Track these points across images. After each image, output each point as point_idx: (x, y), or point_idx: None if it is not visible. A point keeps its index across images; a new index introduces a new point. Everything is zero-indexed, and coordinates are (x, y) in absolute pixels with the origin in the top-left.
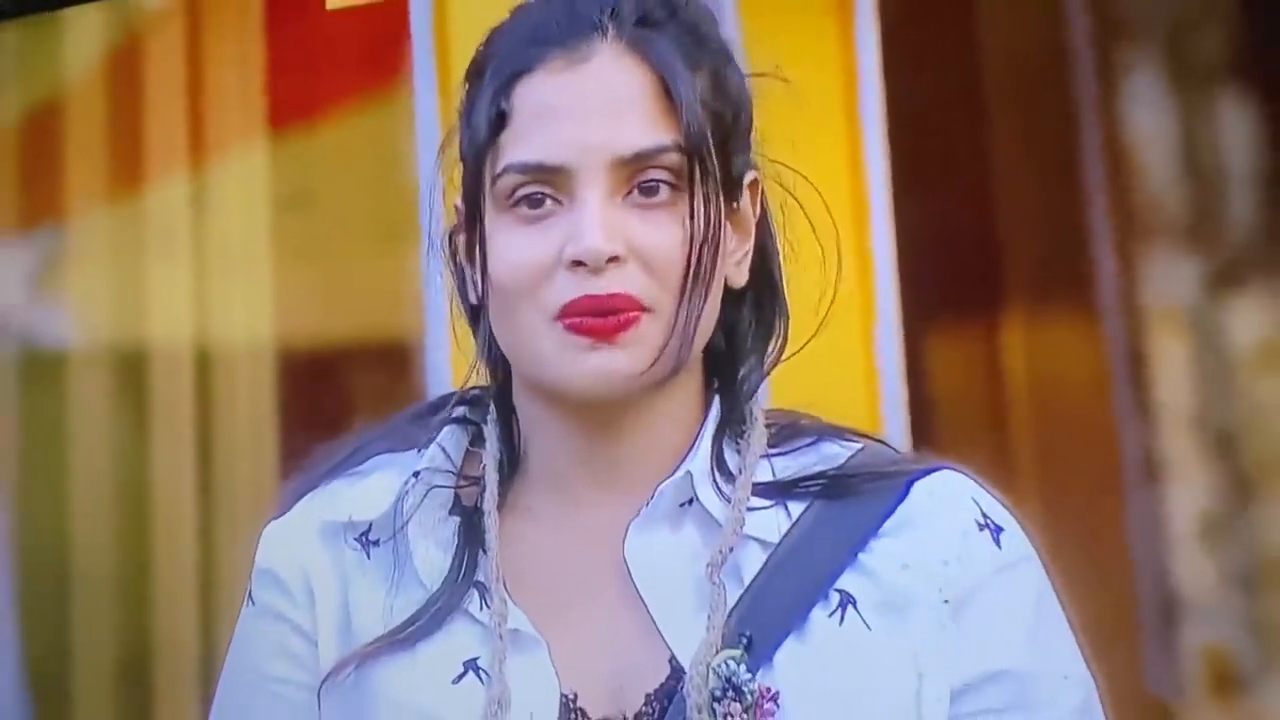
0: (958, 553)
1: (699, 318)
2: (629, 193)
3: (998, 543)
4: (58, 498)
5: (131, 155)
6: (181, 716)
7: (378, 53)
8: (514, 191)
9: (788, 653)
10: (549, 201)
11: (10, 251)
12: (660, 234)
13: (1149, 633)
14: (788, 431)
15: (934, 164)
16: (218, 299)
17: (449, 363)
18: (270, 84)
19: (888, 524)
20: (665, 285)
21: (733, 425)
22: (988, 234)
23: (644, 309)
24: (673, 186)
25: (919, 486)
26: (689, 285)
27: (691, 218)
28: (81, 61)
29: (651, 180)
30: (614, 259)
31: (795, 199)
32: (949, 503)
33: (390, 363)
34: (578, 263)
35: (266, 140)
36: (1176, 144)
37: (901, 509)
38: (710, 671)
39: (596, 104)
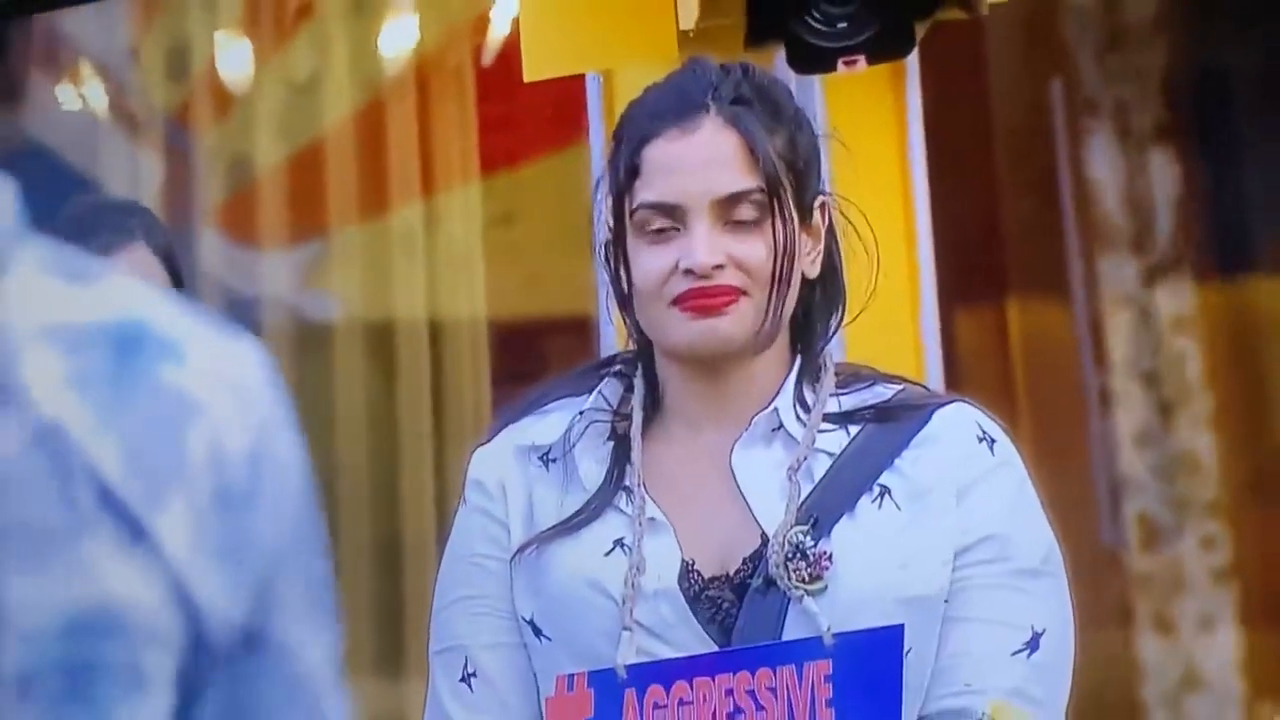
0: (963, 458)
1: (783, 303)
2: (728, 221)
3: (992, 451)
4: (326, 435)
5: (376, 187)
6: (420, 586)
7: (563, 114)
8: (645, 222)
9: (841, 528)
10: (670, 228)
11: (285, 257)
12: (751, 247)
13: (1102, 506)
14: (851, 378)
15: (959, 193)
16: (445, 288)
17: (616, 334)
18: (481, 137)
19: (915, 439)
20: (757, 281)
21: (809, 373)
22: (996, 242)
23: (743, 293)
24: (759, 214)
25: (939, 414)
26: (774, 281)
27: (774, 237)
28: (338, 115)
29: (744, 211)
30: (718, 267)
31: (852, 223)
32: (959, 425)
33: (572, 334)
34: (689, 271)
35: (479, 177)
36: (1122, 182)
37: (925, 429)
38: (785, 541)
39: (702, 161)
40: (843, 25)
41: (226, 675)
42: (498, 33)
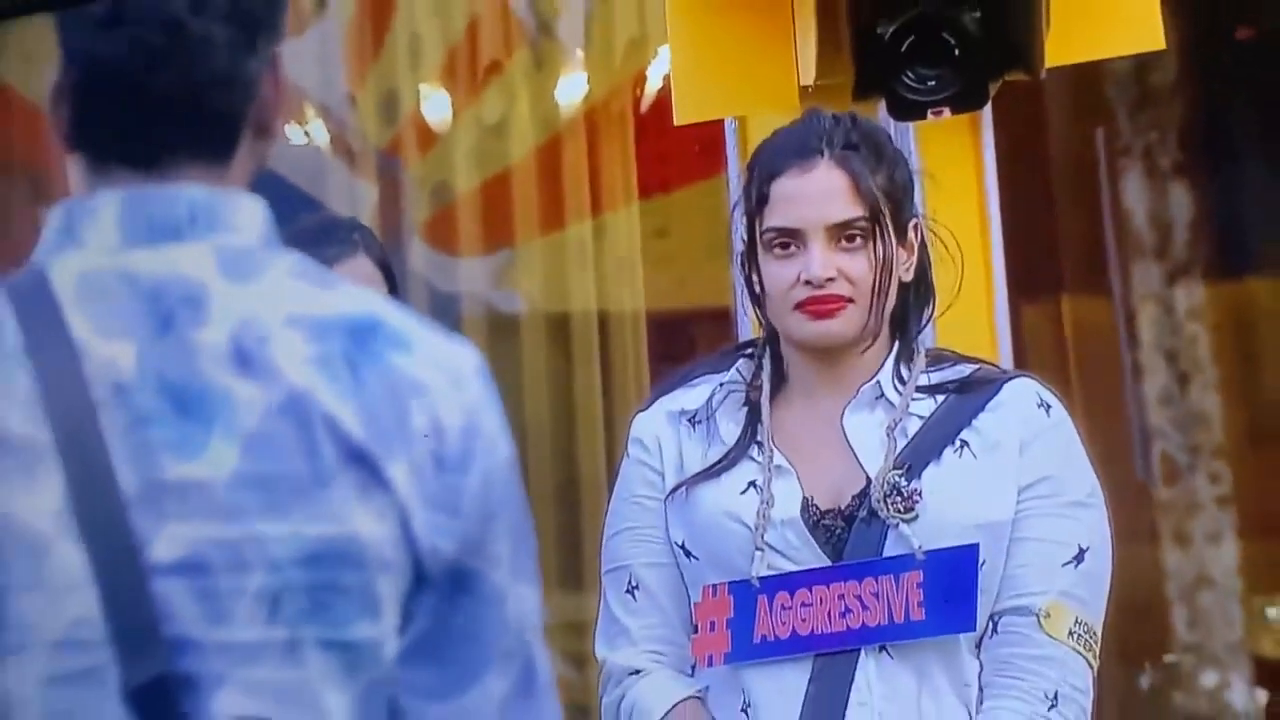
0: (1025, 419)
1: (883, 307)
2: (839, 242)
3: (1048, 414)
4: (517, 405)
5: (554, 208)
6: (594, 520)
7: (706, 150)
8: (772, 241)
9: (929, 472)
10: (792, 246)
11: (480, 262)
12: (857, 263)
13: (1135, 450)
14: (937, 359)
15: (1024, 214)
16: (611, 288)
17: (750, 324)
18: (640, 168)
19: (988, 405)
20: (862, 290)
21: (905, 356)
22: (1053, 252)
23: (850, 301)
24: (864, 237)
25: (1007, 386)
26: (875, 291)
27: (876, 254)
28: (522, 151)
29: (852, 234)
30: (831, 279)
31: (940, 239)
32: (1022, 394)
33: (714, 324)
34: (808, 282)
35: (638, 200)
36: (1148, 207)
37: (996, 398)
38: (885, 482)
39: (818, 194)
40: (932, 83)
41: (436, 602)
42: (653, 86)
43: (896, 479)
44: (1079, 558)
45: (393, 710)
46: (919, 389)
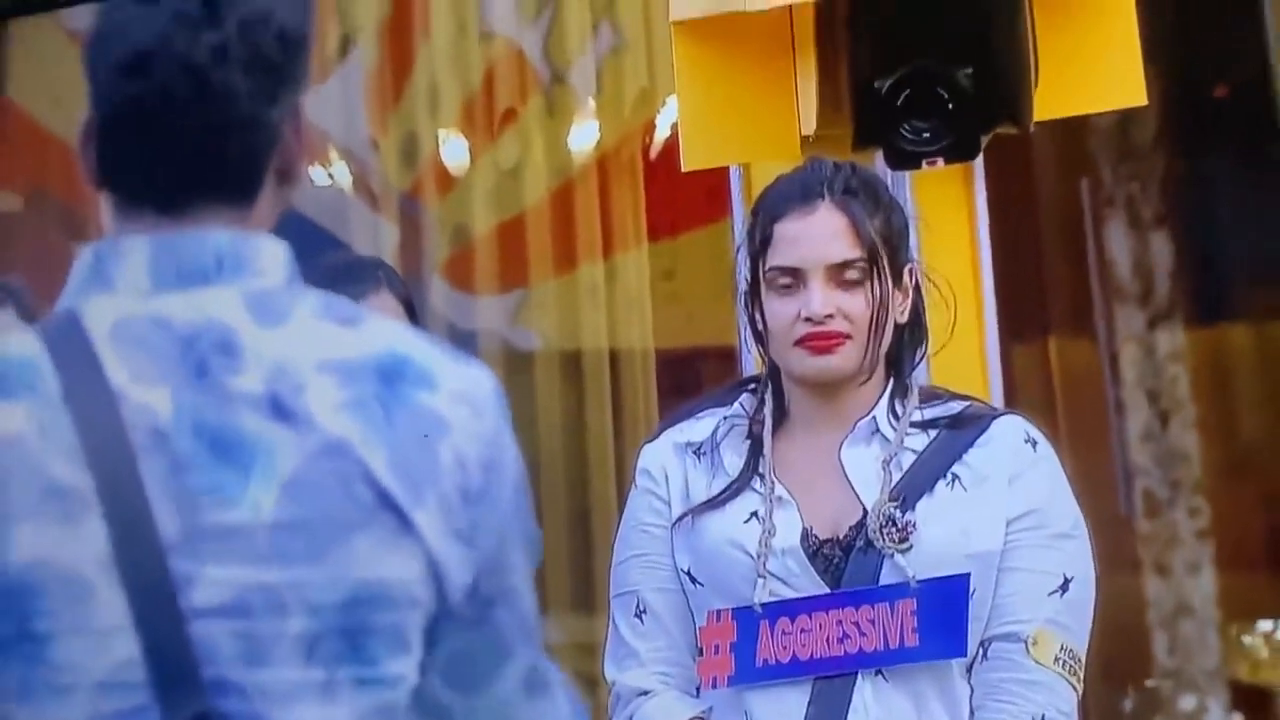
0: (1013, 454)
1: (880, 344)
2: (838, 281)
3: (1035, 450)
4: (532, 437)
5: (567, 249)
6: (605, 547)
7: (712, 195)
8: (775, 280)
9: (923, 504)
10: (794, 285)
11: (498, 301)
12: (855, 302)
13: (1118, 485)
14: (931, 396)
15: (1014, 260)
16: (621, 326)
17: (753, 360)
18: (649, 212)
19: (979, 441)
20: (859, 328)
21: (899, 393)
22: (1041, 296)
23: (848, 337)
24: (862, 277)
25: (996, 422)
26: (872, 328)
27: (873, 294)
28: (537, 195)
29: (850, 274)
30: (830, 316)
31: (934, 283)
32: (1011, 430)
33: (719, 360)
34: (808, 319)
35: (647, 243)
36: (1131, 253)
37: (986, 433)
38: (881, 514)
39: (818, 236)
40: (926, 135)
41: (456, 626)
42: (661, 134)
43: (892, 510)
44: (1064, 587)
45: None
46: (913, 424)
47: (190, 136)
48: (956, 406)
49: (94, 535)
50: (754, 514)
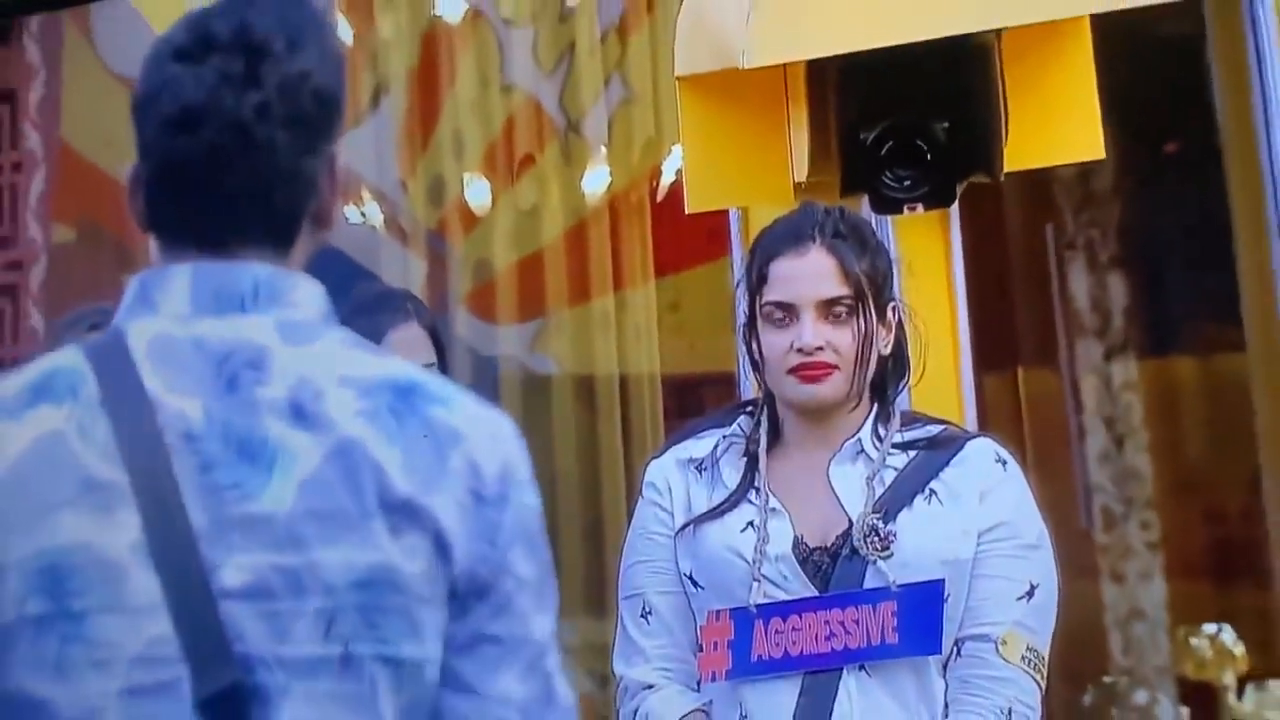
0: (985, 472)
1: (865, 374)
2: (827, 316)
3: (1004, 469)
4: (548, 455)
5: (581, 283)
6: (615, 553)
7: (713, 236)
8: (770, 314)
9: (903, 517)
10: (787, 319)
11: (518, 329)
12: (843, 336)
13: (1079, 501)
14: (911, 420)
15: (986, 298)
16: (630, 354)
17: (750, 386)
18: (656, 250)
19: (953, 460)
20: (846, 359)
21: (883, 417)
22: (1011, 331)
23: (835, 368)
24: (849, 313)
25: (969, 444)
26: (858, 360)
27: (859, 328)
28: (553, 233)
29: (839, 310)
30: (820, 348)
31: (915, 320)
32: (983, 451)
33: (720, 386)
34: (800, 350)
35: (654, 278)
36: (1091, 291)
37: (960, 454)
38: (865, 524)
39: (810, 275)
40: (907, 183)
41: (468, 623)
42: (667, 179)
43: (875, 522)
44: (1030, 593)
45: (432, 714)
46: (894, 445)
47: (235, 188)
48: (934, 430)
49: (128, 525)
50: (750, 524)
